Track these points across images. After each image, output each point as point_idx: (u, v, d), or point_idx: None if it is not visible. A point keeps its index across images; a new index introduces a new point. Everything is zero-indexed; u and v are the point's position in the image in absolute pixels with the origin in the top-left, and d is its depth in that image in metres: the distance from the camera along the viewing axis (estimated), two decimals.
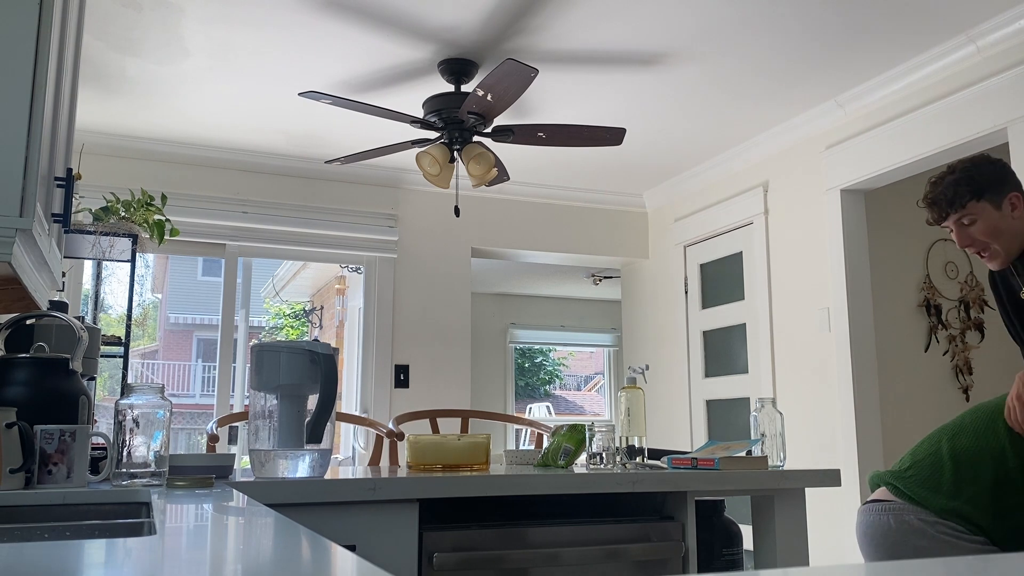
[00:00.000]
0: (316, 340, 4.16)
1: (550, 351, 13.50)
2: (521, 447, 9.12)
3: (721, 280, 5.25)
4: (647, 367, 2.71)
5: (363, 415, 4.88)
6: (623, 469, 2.14)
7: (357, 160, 4.08)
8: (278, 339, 12.01)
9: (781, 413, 2.33)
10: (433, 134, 3.81)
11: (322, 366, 1.76)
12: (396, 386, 5.17)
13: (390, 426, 3.21)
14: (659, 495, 2.06)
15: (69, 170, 1.88)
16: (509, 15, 3.38)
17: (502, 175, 4.15)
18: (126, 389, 1.64)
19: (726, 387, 5.13)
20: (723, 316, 5.19)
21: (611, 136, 3.81)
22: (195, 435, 12.80)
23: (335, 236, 5.17)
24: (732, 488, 2.02)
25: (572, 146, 3.92)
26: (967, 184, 2.05)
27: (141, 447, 1.59)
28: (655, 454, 2.38)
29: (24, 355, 1.71)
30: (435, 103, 3.69)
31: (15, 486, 1.47)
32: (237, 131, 4.64)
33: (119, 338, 3.93)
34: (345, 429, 5.30)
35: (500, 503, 2.01)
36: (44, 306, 1.88)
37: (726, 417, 5.13)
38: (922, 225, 4.70)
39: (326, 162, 4.37)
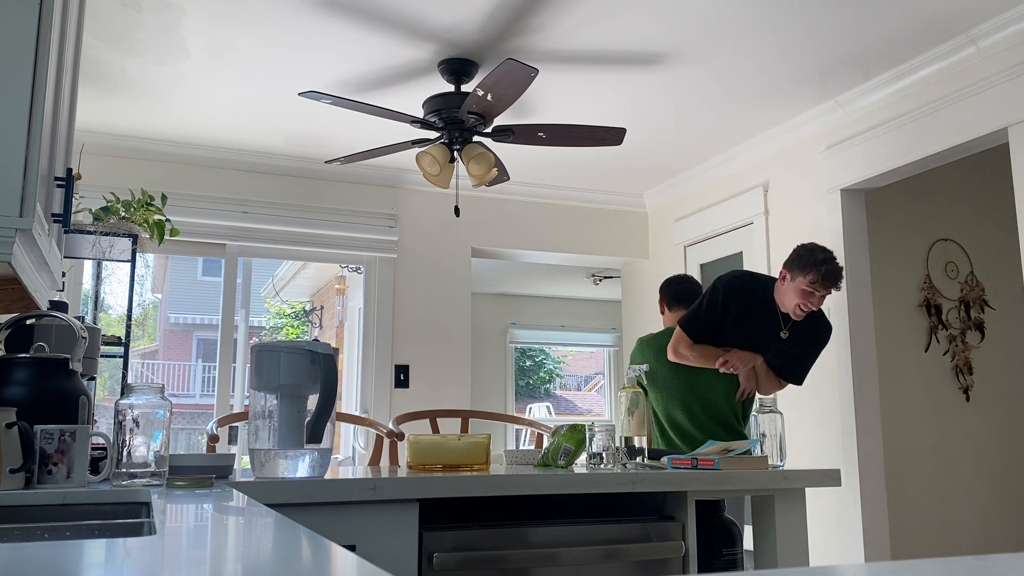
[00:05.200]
0: (316, 340, 4.16)
1: (550, 350, 13.48)
2: (521, 447, 9.12)
3: None
4: (647, 367, 2.70)
5: (363, 415, 4.88)
6: (623, 469, 2.14)
7: (357, 160, 4.08)
8: (278, 339, 12.00)
9: (781, 413, 2.33)
10: (433, 134, 3.81)
11: (322, 366, 1.76)
12: (396, 386, 5.17)
13: (390, 426, 3.21)
14: (659, 495, 2.06)
15: (69, 170, 1.88)
16: (509, 15, 3.38)
17: (502, 175, 4.15)
18: (126, 389, 1.64)
19: None
20: None
21: (611, 136, 3.80)
22: (195, 435, 12.79)
23: (335, 236, 5.17)
24: (732, 488, 2.03)
25: (572, 146, 3.91)
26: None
27: (141, 447, 1.59)
28: (655, 454, 2.38)
29: (24, 355, 1.71)
30: (435, 103, 3.69)
31: (15, 486, 1.47)
32: (237, 131, 4.64)
33: (119, 338, 3.93)
34: (345, 429, 5.30)
35: (500, 503, 2.01)
36: (44, 306, 1.88)
37: None
38: (923, 224, 4.70)
39: (326, 162, 4.38)
